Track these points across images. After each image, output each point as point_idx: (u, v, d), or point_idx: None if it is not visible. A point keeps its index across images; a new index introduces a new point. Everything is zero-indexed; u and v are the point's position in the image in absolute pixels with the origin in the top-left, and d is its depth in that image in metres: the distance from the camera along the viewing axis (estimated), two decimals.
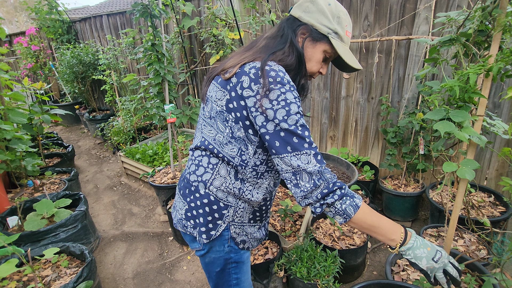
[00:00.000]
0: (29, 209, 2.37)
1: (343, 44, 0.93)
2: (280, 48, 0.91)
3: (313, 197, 0.83)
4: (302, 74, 0.95)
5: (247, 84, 0.83)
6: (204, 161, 0.97)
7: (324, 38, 0.91)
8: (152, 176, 3.10)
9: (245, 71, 0.85)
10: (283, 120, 0.81)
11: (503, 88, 2.17)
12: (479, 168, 1.02)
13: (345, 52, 0.93)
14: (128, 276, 2.19)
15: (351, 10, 2.59)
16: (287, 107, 0.81)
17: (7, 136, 2.30)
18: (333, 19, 0.90)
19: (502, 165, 2.33)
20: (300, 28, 0.92)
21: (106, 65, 4.47)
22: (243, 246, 1.05)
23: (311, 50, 0.93)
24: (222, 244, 1.00)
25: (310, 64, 0.95)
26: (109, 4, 7.08)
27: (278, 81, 0.81)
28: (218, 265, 1.04)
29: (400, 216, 2.52)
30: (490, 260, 1.66)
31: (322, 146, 3.18)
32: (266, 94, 0.81)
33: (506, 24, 0.96)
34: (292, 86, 0.84)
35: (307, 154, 0.82)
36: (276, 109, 0.81)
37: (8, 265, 1.41)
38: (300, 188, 0.83)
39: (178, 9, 3.42)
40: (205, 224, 0.98)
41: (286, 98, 0.81)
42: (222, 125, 0.91)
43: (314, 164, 0.81)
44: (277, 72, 0.83)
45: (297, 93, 0.85)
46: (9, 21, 21.96)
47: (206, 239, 0.98)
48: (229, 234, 1.00)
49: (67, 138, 5.40)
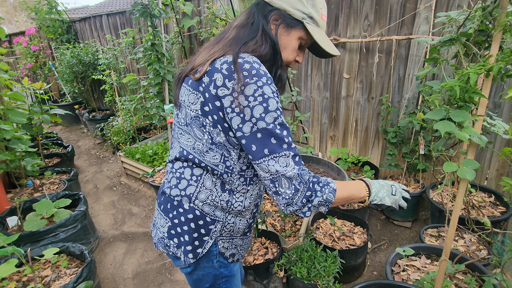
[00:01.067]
0: (29, 209, 2.36)
1: (319, 29, 0.86)
2: (251, 37, 0.82)
3: (298, 203, 0.77)
4: (278, 65, 0.87)
5: (221, 82, 0.75)
6: (187, 173, 0.88)
7: (299, 24, 0.84)
8: (152, 176, 3.10)
9: (217, 68, 0.77)
10: (260, 119, 0.74)
11: (503, 88, 2.17)
12: (479, 168, 1.01)
13: (322, 39, 0.86)
14: (128, 276, 2.18)
15: (351, 10, 2.58)
16: (264, 103, 0.74)
17: (7, 136, 2.30)
18: (307, 2, 0.82)
19: (502, 165, 2.33)
20: (272, 14, 0.83)
21: (106, 65, 4.47)
22: (232, 259, 0.98)
23: (286, 38, 0.85)
24: (211, 260, 0.93)
25: (286, 52, 0.87)
26: (109, 4, 7.08)
27: (253, 74, 0.74)
28: (207, 281, 0.96)
29: (400, 216, 2.52)
30: (490, 260, 1.66)
31: (322, 146, 3.18)
32: (242, 90, 0.73)
33: (506, 24, 0.96)
34: (269, 78, 0.76)
35: (286, 156, 0.76)
36: (253, 106, 0.73)
37: (7, 265, 1.41)
38: (281, 196, 0.77)
39: (178, 8, 3.41)
40: (191, 242, 0.89)
41: (264, 93, 0.74)
42: (200, 131, 0.82)
43: (292, 167, 0.76)
44: (251, 64, 0.75)
45: (275, 87, 0.78)
46: (9, 21, 21.96)
47: (193, 258, 0.90)
48: (217, 250, 0.92)
49: (66, 138, 5.40)
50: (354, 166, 2.95)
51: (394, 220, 2.57)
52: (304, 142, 3.20)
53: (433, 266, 1.67)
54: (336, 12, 2.66)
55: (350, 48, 2.70)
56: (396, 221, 2.56)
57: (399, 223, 2.55)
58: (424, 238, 1.93)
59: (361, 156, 2.92)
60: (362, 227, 2.14)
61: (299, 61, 0.93)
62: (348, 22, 2.63)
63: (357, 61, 2.69)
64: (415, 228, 2.51)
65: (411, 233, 2.46)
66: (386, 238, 2.42)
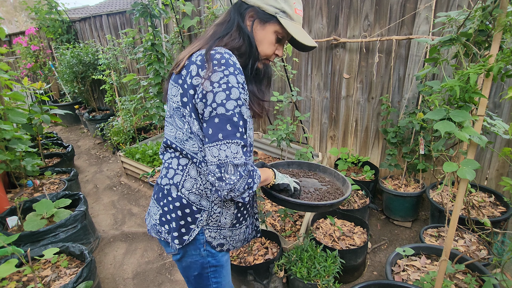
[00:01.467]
0: (29, 209, 2.36)
1: (293, 23, 0.91)
2: (226, 33, 0.89)
3: (240, 189, 0.82)
4: (256, 58, 0.92)
5: (195, 72, 0.82)
6: (174, 163, 0.95)
7: (272, 19, 0.89)
8: (152, 176, 3.10)
9: (193, 61, 0.84)
10: (221, 104, 0.78)
11: (503, 88, 2.17)
12: (479, 168, 1.01)
13: (296, 31, 0.90)
14: (128, 276, 2.18)
15: (351, 10, 2.58)
16: (227, 90, 0.79)
17: (7, 136, 2.30)
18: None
19: (502, 165, 2.33)
20: (248, 11, 0.90)
21: (106, 65, 4.47)
22: (221, 248, 1.01)
23: (261, 32, 0.91)
24: (198, 248, 0.97)
25: (263, 46, 0.92)
26: (109, 4, 7.07)
27: (222, 63, 0.79)
28: (195, 269, 1.00)
29: (400, 216, 2.52)
30: (490, 260, 1.66)
31: (322, 146, 3.18)
32: (209, 76, 0.79)
33: (506, 24, 0.96)
34: (237, 69, 0.81)
35: (237, 144, 0.80)
36: (216, 92, 0.78)
37: (7, 265, 1.41)
38: (225, 182, 0.80)
39: (178, 8, 3.41)
40: (178, 229, 0.94)
41: (228, 81, 0.79)
42: (180, 121, 0.90)
43: (241, 155, 0.80)
44: (222, 54, 0.81)
45: (243, 79, 0.83)
46: (9, 21, 21.96)
47: (179, 244, 0.95)
48: (204, 238, 0.96)
49: (66, 138, 5.40)
50: (354, 166, 2.95)
51: (394, 220, 2.58)
52: (304, 142, 3.20)
53: (433, 266, 1.67)
54: (336, 12, 2.66)
55: (350, 48, 2.70)
56: (396, 221, 2.56)
57: (399, 223, 2.55)
58: (424, 238, 1.93)
59: (361, 156, 2.92)
60: (362, 227, 2.14)
61: (279, 54, 0.97)
62: (348, 22, 2.63)
63: (357, 61, 2.69)
64: (415, 228, 2.51)
65: (411, 233, 2.46)
66: (386, 238, 2.42)
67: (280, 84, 3.25)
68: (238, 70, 0.82)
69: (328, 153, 3.15)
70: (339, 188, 1.19)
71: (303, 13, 2.83)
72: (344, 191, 1.15)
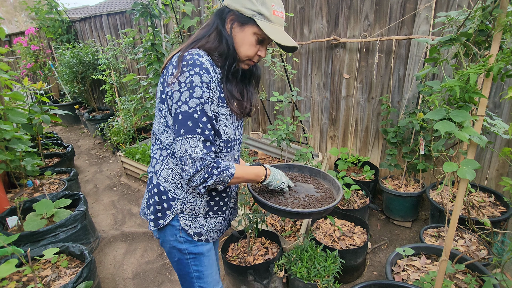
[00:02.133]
0: (29, 209, 2.36)
1: (271, 24, 0.94)
2: (205, 35, 0.96)
3: (196, 181, 0.90)
4: (234, 59, 0.96)
5: (171, 71, 0.90)
6: (158, 154, 1.04)
7: (250, 21, 0.93)
8: None
9: (172, 62, 0.93)
10: (184, 102, 0.87)
11: (503, 88, 2.17)
12: (479, 168, 1.01)
13: (273, 31, 0.93)
14: (128, 276, 2.18)
15: (351, 10, 2.58)
16: (191, 89, 0.86)
17: (7, 136, 2.30)
18: (257, 1, 0.91)
19: (502, 165, 2.33)
20: (229, 15, 0.95)
21: (106, 65, 4.47)
22: (198, 238, 1.07)
23: (241, 34, 0.95)
24: (174, 234, 1.04)
25: (244, 48, 0.96)
26: (109, 4, 7.07)
27: (190, 64, 0.87)
28: (174, 255, 1.08)
29: (400, 216, 2.52)
30: (490, 260, 1.66)
31: (322, 146, 3.18)
32: (178, 77, 0.87)
33: (506, 24, 0.96)
34: (203, 69, 0.88)
35: (197, 138, 0.88)
36: (182, 91, 0.87)
37: (7, 265, 1.41)
38: (185, 173, 0.90)
39: (178, 8, 3.41)
40: (155, 213, 1.04)
41: (192, 81, 0.86)
42: (158, 115, 0.99)
43: (200, 149, 0.88)
44: (192, 55, 0.88)
45: (209, 78, 0.89)
46: (9, 21, 21.96)
47: (154, 226, 1.05)
48: (179, 225, 1.03)
49: (66, 138, 5.40)
50: (354, 166, 2.95)
51: (394, 220, 2.58)
52: (304, 142, 3.20)
53: (433, 266, 1.67)
54: (336, 12, 2.66)
55: (350, 48, 2.70)
56: (396, 221, 2.56)
57: (399, 223, 2.55)
58: (424, 238, 1.93)
59: (361, 156, 2.92)
60: (362, 227, 2.14)
61: (261, 55, 1.00)
62: (348, 22, 2.63)
63: (357, 61, 2.69)
64: (415, 228, 2.51)
65: (411, 233, 2.46)
66: (386, 238, 2.42)
67: (280, 84, 3.25)
68: (205, 70, 0.88)
69: (328, 153, 3.15)
70: (333, 197, 1.19)
71: (303, 13, 2.84)
72: (336, 199, 1.14)
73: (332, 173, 1.31)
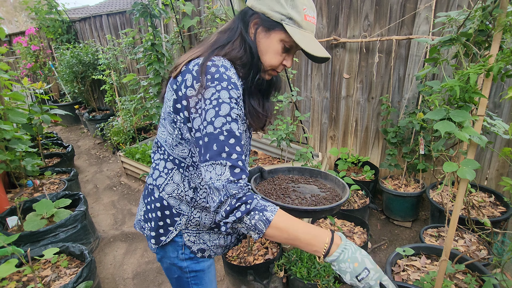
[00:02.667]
0: (29, 209, 2.36)
1: (301, 31, 0.82)
2: (228, 41, 0.84)
3: (220, 214, 0.75)
4: (259, 69, 0.85)
5: (190, 83, 0.78)
6: (161, 165, 0.93)
7: (278, 26, 0.81)
8: None
9: (189, 69, 0.80)
10: (210, 123, 0.74)
11: (503, 88, 2.17)
12: (479, 168, 1.01)
13: (303, 39, 0.80)
14: (128, 276, 2.18)
15: (351, 10, 2.58)
16: (217, 107, 0.74)
17: (7, 136, 2.30)
18: (286, 3, 0.79)
19: (502, 165, 2.33)
20: (253, 18, 0.83)
21: (106, 65, 4.47)
22: (202, 254, 0.98)
23: (266, 41, 0.83)
24: (176, 251, 0.95)
25: (268, 56, 0.84)
26: (109, 4, 7.07)
27: (216, 78, 0.75)
28: (174, 272, 0.99)
29: (400, 216, 2.52)
30: (490, 260, 1.66)
31: (322, 146, 3.18)
32: (202, 93, 0.75)
33: (506, 24, 0.96)
34: (231, 84, 0.76)
35: (222, 165, 0.74)
36: (207, 110, 0.75)
37: (7, 265, 1.41)
38: (212, 200, 0.76)
39: (178, 8, 3.41)
40: (156, 229, 0.94)
41: (219, 97, 0.74)
42: (171, 127, 0.86)
43: (226, 177, 0.73)
44: (218, 68, 0.76)
45: (238, 94, 0.78)
46: (9, 21, 21.95)
47: (155, 244, 0.95)
48: (183, 241, 0.94)
49: (66, 138, 5.40)
50: (354, 166, 2.95)
51: (394, 220, 2.58)
52: (304, 142, 3.20)
53: (433, 266, 1.67)
54: (336, 12, 2.66)
55: (350, 48, 2.70)
56: (396, 221, 2.56)
57: (399, 223, 2.55)
58: (424, 238, 1.93)
59: (361, 156, 2.92)
60: (362, 227, 2.14)
61: (287, 65, 0.89)
62: (348, 22, 2.63)
63: (357, 61, 2.69)
64: (415, 228, 2.51)
65: (411, 233, 2.46)
66: (386, 238, 2.42)
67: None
68: (233, 85, 0.77)
69: (328, 153, 3.15)
70: (338, 195, 1.18)
71: None
72: (343, 197, 1.12)
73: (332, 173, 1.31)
